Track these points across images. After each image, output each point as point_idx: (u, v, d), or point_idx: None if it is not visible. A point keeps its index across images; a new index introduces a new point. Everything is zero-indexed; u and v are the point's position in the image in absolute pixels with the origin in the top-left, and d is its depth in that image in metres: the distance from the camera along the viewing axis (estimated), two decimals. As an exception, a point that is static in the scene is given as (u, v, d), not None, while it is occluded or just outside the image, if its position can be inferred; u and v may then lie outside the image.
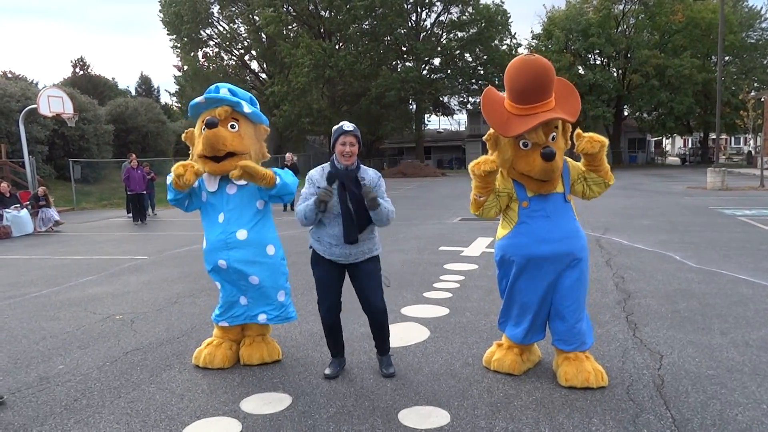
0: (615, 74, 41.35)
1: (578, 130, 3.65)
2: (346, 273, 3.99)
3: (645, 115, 42.62)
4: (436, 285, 6.67)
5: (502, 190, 3.75)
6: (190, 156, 4.30)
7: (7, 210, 13.25)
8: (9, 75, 38.29)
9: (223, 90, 4.19)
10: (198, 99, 4.18)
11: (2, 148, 20.12)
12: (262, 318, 4.25)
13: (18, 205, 13.68)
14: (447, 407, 3.45)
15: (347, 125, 3.81)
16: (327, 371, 4.06)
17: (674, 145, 70.08)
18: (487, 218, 3.85)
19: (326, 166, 3.91)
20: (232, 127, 4.11)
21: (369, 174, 3.87)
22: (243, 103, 4.17)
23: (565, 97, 3.58)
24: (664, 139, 57.79)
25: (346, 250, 3.83)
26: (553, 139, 3.57)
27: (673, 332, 4.71)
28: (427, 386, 3.77)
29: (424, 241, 10.15)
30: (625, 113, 44.25)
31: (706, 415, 3.25)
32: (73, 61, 48.73)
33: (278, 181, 4.09)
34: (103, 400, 3.72)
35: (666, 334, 4.68)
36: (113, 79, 48.97)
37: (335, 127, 3.89)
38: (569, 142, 3.79)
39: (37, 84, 36.77)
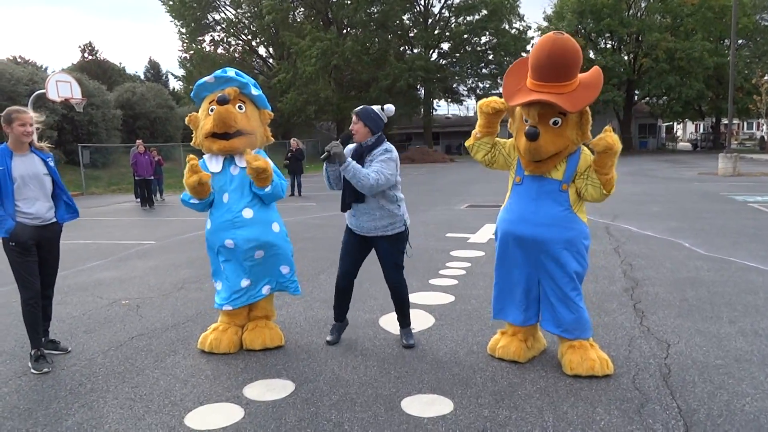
0: (626, 58, 40.83)
1: (608, 127, 3.52)
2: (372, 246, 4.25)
3: (654, 99, 42.11)
4: (442, 272, 6.64)
5: (504, 148, 3.82)
6: (193, 139, 4.30)
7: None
8: (18, 60, 38.32)
9: (230, 72, 4.22)
10: (206, 78, 4.20)
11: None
12: (266, 290, 4.28)
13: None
14: (450, 395, 3.43)
15: (357, 108, 4.09)
16: (328, 338, 4.40)
17: (686, 131, 69.35)
18: (475, 158, 3.93)
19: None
20: (240, 108, 4.17)
21: (379, 148, 4.07)
22: (251, 85, 4.23)
23: (585, 87, 3.47)
24: (675, 124, 57.18)
25: (358, 221, 4.12)
26: (555, 123, 3.49)
27: (681, 321, 4.66)
28: (431, 374, 3.75)
29: (431, 227, 10.11)
30: (636, 98, 43.73)
31: (713, 405, 3.21)
32: (82, 47, 48.64)
33: (273, 182, 4.11)
34: (107, 384, 3.74)
35: (674, 322, 4.63)
36: (121, 64, 48.94)
37: None
38: (588, 135, 3.63)
39: (45, 69, 36.83)
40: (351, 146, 4.15)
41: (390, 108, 4.16)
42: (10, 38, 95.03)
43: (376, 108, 4.11)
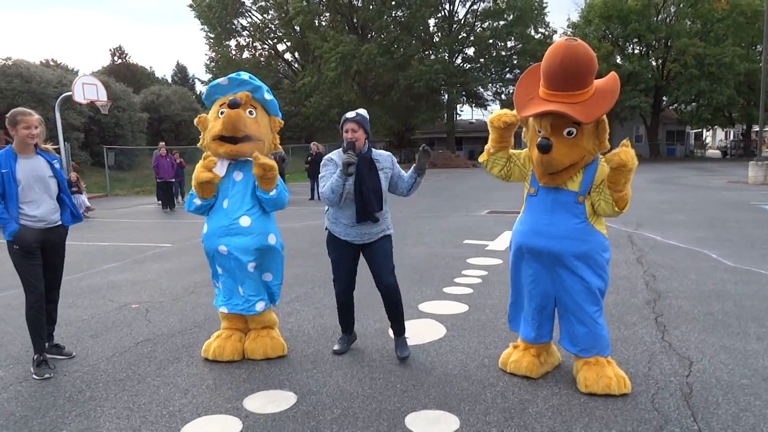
0: (654, 63, 40.09)
1: (625, 141, 3.33)
2: (361, 253, 4.14)
3: (683, 106, 41.23)
4: (457, 280, 6.47)
5: (519, 159, 3.67)
6: (201, 141, 4.24)
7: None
8: (51, 63, 39.19)
9: (244, 75, 4.17)
10: (220, 79, 4.15)
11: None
12: (260, 306, 4.17)
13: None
14: (457, 412, 3.28)
15: (350, 113, 4.00)
16: (336, 347, 4.29)
17: (715, 138, 67.84)
18: (491, 173, 3.80)
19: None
20: (250, 113, 4.12)
21: (383, 155, 4.07)
22: (263, 90, 4.18)
23: (600, 95, 3.27)
24: (704, 131, 55.96)
25: (361, 230, 3.99)
26: (569, 134, 3.31)
27: (705, 336, 4.44)
28: (439, 388, 3.60)
29: (449, 234, 9.95)
30: (663, 104, 42.87)
31: (738, 428, 3.01)
32: (112, 50, 49.66)
33: (278, 187, 4.07)
34: (107, 392, 3.66)
35: (697, 338, 4.41)
36: (150, 68, 49.82)
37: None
38: (605, 144, 3.45)
39: (76, 72, 37.54)
40: (337, 153, 4.00)
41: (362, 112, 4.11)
42: (43, 42, 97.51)
43: (362, 112, 4.05)
